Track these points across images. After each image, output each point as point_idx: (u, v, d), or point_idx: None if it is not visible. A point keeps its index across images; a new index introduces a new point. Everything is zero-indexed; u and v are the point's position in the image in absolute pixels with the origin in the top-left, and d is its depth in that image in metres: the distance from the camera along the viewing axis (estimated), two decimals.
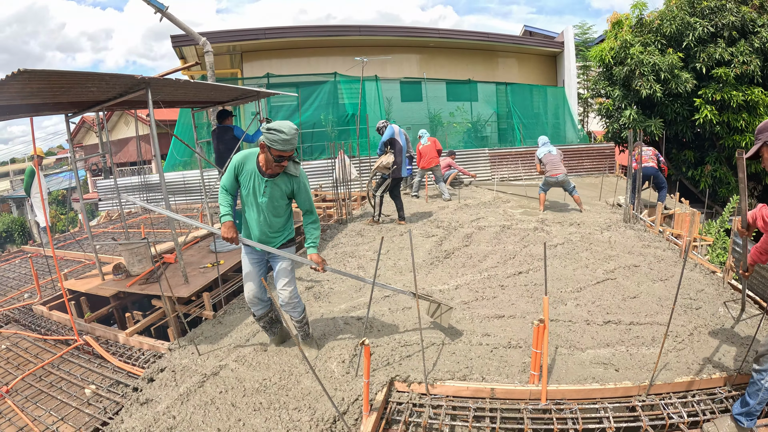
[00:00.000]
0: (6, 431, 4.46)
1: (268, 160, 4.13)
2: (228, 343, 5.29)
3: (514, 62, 24.40)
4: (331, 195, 13.93)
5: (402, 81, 19.97)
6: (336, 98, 18.16)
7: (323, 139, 17.78)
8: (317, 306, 6.06)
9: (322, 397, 4.07)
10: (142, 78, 5.76)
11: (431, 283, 6.52)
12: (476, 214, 10.37)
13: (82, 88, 5.93)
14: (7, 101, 5.62)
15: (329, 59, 20.67)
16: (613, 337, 4.64)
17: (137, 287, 6.57)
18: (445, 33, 21.81)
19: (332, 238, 9.28)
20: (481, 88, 20.85)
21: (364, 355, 3.44)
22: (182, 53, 20.48)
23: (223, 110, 8.44)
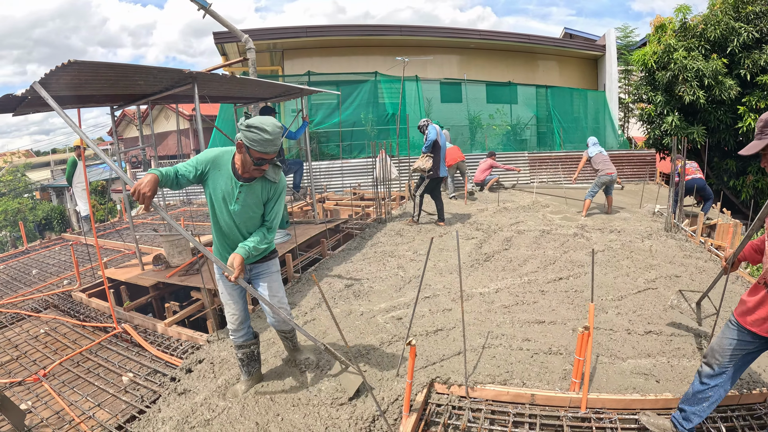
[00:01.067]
0: (42, 414, 4.52)
1: (245, 163, 3.56)
2: (267, 338, 5.33)
3: (555, 65, 24.11)
4: (370, 194, 13.98)
5: (442, 82, 19.91)
6: (376, 97, 18.19)
7: (362, 138, 17.85)
8: (357, 304, 6.07)
9: (362, 395, 4.08)
10: (189, 72, 5.85)
11: (471, 285, 6.49)
12: (515, 218, 10.32)
13: (129, 81, 6.05)
14: (55, 92, 5.69)
15: (369, 58, 20.67)
16: (654, 348, 4.57)
17: (177, 278, 6.66)
18: (486, 34, 21.67)
19: (371, 237, 9.29)
20: (521, 90, 20.69)
21: (409, 356, 3.41)
22: (224, 50, 20.69)
23: (267, 107, 8.52)
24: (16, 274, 10.22)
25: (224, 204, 3.70)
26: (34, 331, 6.67)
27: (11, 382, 5.21)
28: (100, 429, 4.19)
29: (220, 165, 3.64)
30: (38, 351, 6.00)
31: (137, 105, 7.60)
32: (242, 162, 3.57)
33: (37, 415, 4.52)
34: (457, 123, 18.65)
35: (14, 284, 9.38)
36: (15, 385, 5.16)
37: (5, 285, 9.44)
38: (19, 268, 10.72)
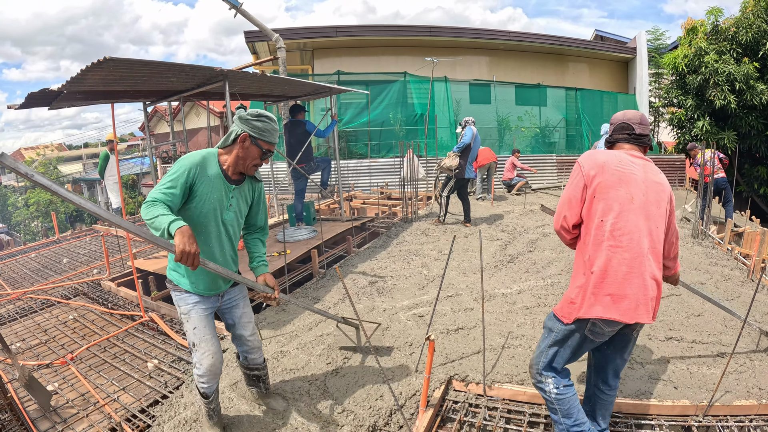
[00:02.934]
0: (68, 395, 4.65)
1: (246, 158, 3.22)
2: (290, 331, 5.43)
3: (585, 67, 23.91)
4: (397, 193, 14.03)
5: (471, 83, 19.90)
6: (405, 98, 18.25)
7: (391, 137, 17.93)
8: (380, 301, 6.14)
9: (380, 389, 4.14)
10: (221, 70, 5.96)
11: (494, 286, 6.52)
12: (541, 221, 10.32)
13: (162, 78, 6.18)
14: (90, 87, 5.85)
15: (399, 59, 20.73)
16: (674, 354, 4.55)
17: None
18: (516, 36, 21.60)
19: (397, 235, 9.35)
20: (550, 92, 20.57)
21: (428, 351, 3.42)
22: (255, 48, 20.88)
23: (296, 105, 8.62)
24: (47, 262, 10.47)
25: (216, 213, 3.22)
26: (63, 317, 6.85)
27: (39, 365, 5.37)
28: (124, 411, 4.31)
29: (206, 169, 3.15)
30: (66, 336, 6.17)
31: (169, 101, 7.73)
32: (242, 158, 3.22)
33: (63, 396, 4.65)
34: (485, 125, 18.58)
35: (45, 272, 9.62)
36: (43, 368, 5.32)
37: (36, 273, 9.68)
38: (50, 257, 10.98)
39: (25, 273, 9.82)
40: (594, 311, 2.76)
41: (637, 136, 3.01)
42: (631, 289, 2.72)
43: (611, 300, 2.73)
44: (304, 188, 8.81)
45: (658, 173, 2.94)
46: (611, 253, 2.77)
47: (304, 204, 8.92)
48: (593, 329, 2.84)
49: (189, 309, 3.33)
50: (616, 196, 2.81)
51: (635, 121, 3.01)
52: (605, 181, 2.84)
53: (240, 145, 3.18)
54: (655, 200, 2.85)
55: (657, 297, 2.80)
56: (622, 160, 2.90)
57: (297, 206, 8.86)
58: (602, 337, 2.89)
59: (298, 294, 6.59)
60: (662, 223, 2.86)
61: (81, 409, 4.41)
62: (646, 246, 2.77)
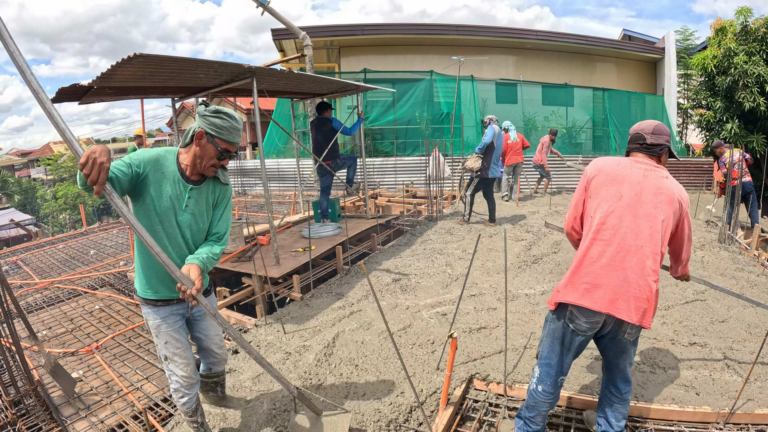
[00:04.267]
0: (92, 383, 4.79)
1: (203, 156, 3.00)
2: (313, 326, 5.48)
3: (612, 67, 23.67)
4: (422, 192, 14.03)
5: (498, 82, 19.85)
6: (431, 96, 18.26)
7: (417, 136, 17.94)
8: (403, 298, 6.16)
9: (402, 385, 4.17)
10: (249, 67, 6.01)
11: (518, 286, 6.51)
12: None
13: (190, 74, 6.26)
14: (120, 83, 5.95)
15: (425, 57, 20.73)
16: (697, 360, 4.50)
17: (229, 264, 6.88)
18: (543, 35, 21.51)
19: (421, 234, 9.36)
20: (577, 92, 20.45)
21: (450, 349, 3.42)
22: (282, 46, 20.99)
23: (323, 102, 8.67)
24: (74, 253, 10.67)
25: (170, 214, 3.00)
26: (89, 306, 7.01)
27: (65, 352, 5.53)
28: (147, 400, 4.40)
29: (162, 166, 2.96)
30: (92, 325, 6.32)
31: (197, 97, 7.82)
32: (199, 156, 3.01)
33: (87, 383, 4.79)
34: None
35: (72, 263, 9.81)
36: (68, 355, 5.47)
37: (64, 263, 9.86)
38: (78, 248, 11.18)
39: (53, 263, 10.01)
40: (569, 297, 2.89)
41: (648, 146, 3.06)
42: (608, 280, 2.81)
43: (586, 289, 2.85)
44: (330, 185, 8.86)
45: (663, 179, 2.96)
46: (592, 244, 2.91)
47: (329, 201, 9.00)
48: (572, 318, 2.92)
49: (158, 324, 3.15)
50: (606, 194, 2.95)
51: (648, 131, 3.06)
52: (598, 181, 3.01)
53: (196, 142, 2.98)
54: (651, 201, 2.89)
55: (647, 298, 2.81)
56: (620, 163, 3.03)
57: (322, 203, 8.92)
58: (583, 331, 2.93)
59: (321, 290, 6.64)
60: (657, 224, 2.87)
61: (104, 397, 4.54)
62: (633, 243, 2.84)
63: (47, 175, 38.14)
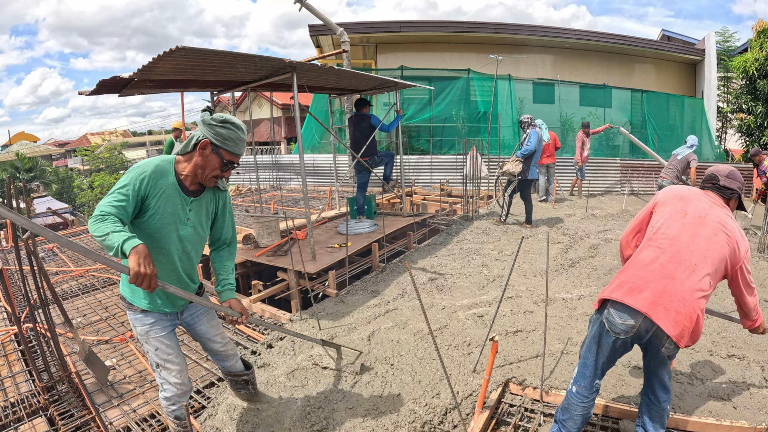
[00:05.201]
0: (125, 372, 4.80)
1: (206, 167, 2.88)
2: (348, 323, 5.44)
3: (651, 68, 23.13)
4: (458, 191, 13.94)
5: (535, 82, 19.58)
6: (468, 95, 18.10)
7: (453, 134, 17.86)
8: (439, 298, 6.09)
9: (437, 386, 4.12)
10: (289, 62, 5.99)
11: (554, 290, 6.37)
12: (603, 226, 10.08)
13: (231, 68, 6.25)
14: (160, 75, 5.95)
15: (462, 55, 20.57)
16: (734, 373, 4.36)
17: (265, 258, 6.87)
18: (581, 34, 21.13)
19: (457, 233, 9.27)
20: (615, 93, 19.96)
21: (491, 352, 3.37)
22: (318, 42, 21.04)
23: (362, 99, 8.63)
24: None
25: (171, 229, 2.88)
26: None
27: (99, 340, 5.56)
28: None
29: (161, 179, 2.80)
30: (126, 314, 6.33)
31: (234, 92, 7.82)
32: (201, 167, 2.88)
33: (121, 372, 4.80)
34: (548, 125, 18.22)
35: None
36: (102, 343, 5.49)
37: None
38: None
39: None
40: (613, 294, 2.92)
41: (720, 187, 3.18)
42: (654, 285, 2.82)
43: (630, 288, 2.87)
44: (367, 182, 8.83)
45: (728, 217, 3.03)
46: (646, 249, 3.02)
47: (365, 197, 8.97)
48: (608, 317, 2.92)
49: (146, 330, 3.03)
50: (672, 208, 3.09)
51: (723, 173, 3.20)
52: (667, 198, 3.19)
53: (200, 152, 2.84)
54: (713, 228, 2.93)
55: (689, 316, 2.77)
56: (691, 190, 3.19)
57: (359, 199, 8.89)
58: (617, 332, 2.89)
59: (357, 287, 6.60)
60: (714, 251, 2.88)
61: (137, 386, 4.53)
62: (687, 258, 2.86)
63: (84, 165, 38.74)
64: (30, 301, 4.21)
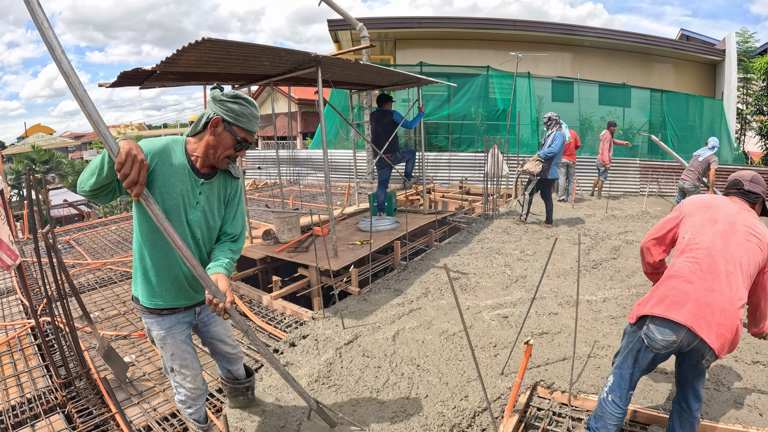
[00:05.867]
0: (145, 368, 4.73)
1: (218, 146, 2.71)
2: (372, 322, 5.37)
3: (671, 68, 22.77)
4: (477, 189, 13.83)
5: (554, 80, 19.38)
6: (487, 92, 17.99)
7: (471, 132, 17.79)
8: (463, 298, 6.00)
9: (465, 389, 4.05)
10: (315, 55, 5.90)
11: (579, 292, 6.25)
12: (624, 227, 9.94)
13: (255, 61, 6.15)
14: (183, 68, 5.86)
15: (481, 52, 20.42)
16: (759, 379, 4.29)
17: (286, 254, 6.79)
18: (601, 32, 20.83)
19: (478, 232, 9.18)
20: (634, 93, 19.70)
21: (524, 355, 3.30)
22: (337, 37, 20.97)
23: (384, 94, 8.57)
24: (126, 235, 10.78)
25: (180, 211, 2.69)
26: None
27: (117, 335, 5.49)
28: None
29: (170, 158, 2.64)
30: None
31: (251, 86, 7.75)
32: (213, 146, 2.71)
33: (140, 368, 4.74)
34: (567, 124, 18.00)
35: (125, 244, 9.89)
36: (120, 339, 5.43)
37: (117, 245, 9.94)
38: (130, 229, 11.28)
39: (105, 244, 10.10)
40: (654, 310, 2.87)
41: (744, 192, 3.19)
42: (694, 298, 2.78)
43: (671, 303, 2.83)
44: (388, 178, 8.75)
45: (756, 220, 3.02)
46: (681, 262, 2.96)
47: (386, 194, 8.87)
48: (648, 333, 2.90)
49: (163, 335, 2.89)
50: (700, 218, 3.06)
51: (746, 178, 3.23)
52: (694, 207, 3.16)
53: (211, 130, 2.67)
54: (744, 234, 2.91)
55: (730, 327, 2.74)
56: (717, 197, 3.18)
57: (380, 196, 8.80)
58: (657, 349, 2.89)
59: (379, 285, 6.51)
60: (747, 257, 2.86)
61: (157, 383, 4.46)
62: (723, 267, 2.82)
63: None
64: (47, 294, 4.14)
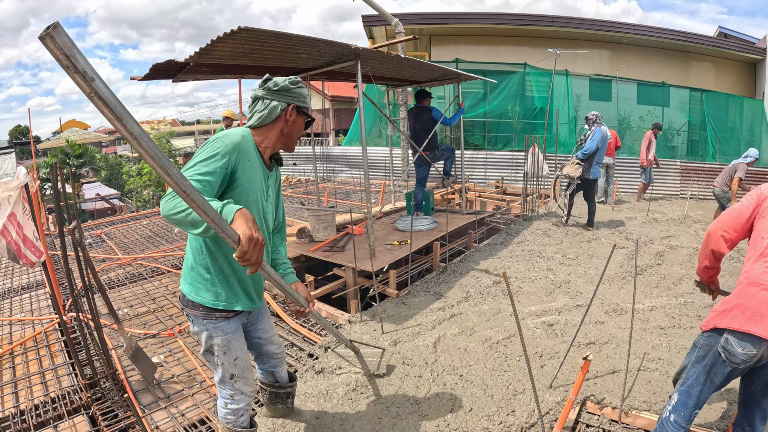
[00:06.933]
0: (173, 370, 4.59)
1: (293, 133, 2.72)
2: (411, 326, 5.17)
3: (710, 67, 22.03)
4: (515, 188, 13.58)
5: (592, 78, 18.96)
6: (524, 90, 17.74)
7: (508, 130, 17.54)
8: (506, 303, 5.76)
9: (512, 402, 3.85)
10: (354, 48, 5.71)
11: (624, 299, 5.98)
12: (666, 231, 9.59)
13: (292, 54, 5.99)
14: (218, 60, 5.74)
15: (517, 49, 20.12)
16: None
17: (320, 253, 6.62)
18: (640, 29, 20.21)
19: (517, 233, 8.94)
20: (674, 92, 19.11)
21: (581, 372, 3.09)
22: (372, 33, 20.86)
23: (422, 90, 8.38)
24: (158, 230, 10.74)
25: (258, 206, 2.63)
26: (172, 286, 6.93)
27: (146, 334, 5.37)
28: None
29: (247, 152, 2.52)
30: (175, 306, 6.19)
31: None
32: (288, 134, 2.70)
33: (168, 370, 4.60)
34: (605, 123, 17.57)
35: (156, 240, 9.83)
36: (149, 337, 5.30)
37: (148, 240, 9.89)
38: (162, 225, 11.28)
39: (136, 239, 10.08)
40: (733, 323, 2.54)
41: None
42: None
43: (753, 314, 2.48)
44: (426, 177, 8.54)
45: None
46: (759, 263, 2.62)
47: (424, 193, 8.67)
48: (726, 346, 2.55)
49: (228, 340, 2.72)
50: None
51: None
52: None
53: (285, 119, 2.64)
54: None
55: None
56: None
57: (417, 194, 8.61)
58: (736, 363, 2.54)
59: (418, 287, 6.31)
60: None
61: (186, 387, 4.32)
62: None
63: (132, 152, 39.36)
64: (74, 289, 4.01)
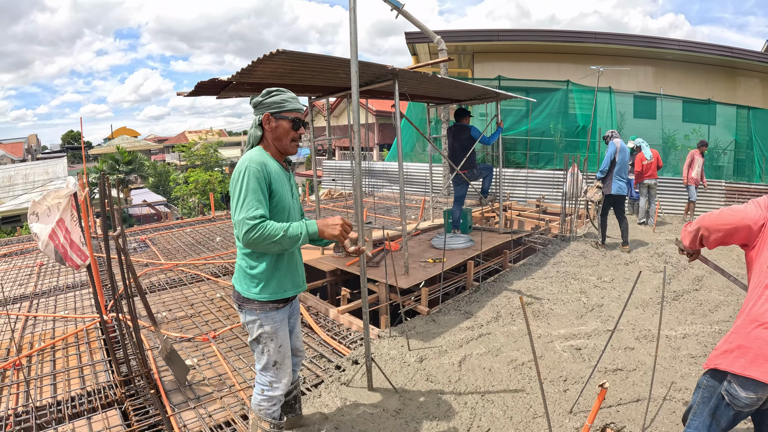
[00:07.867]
0: (205, 373, 4.74)
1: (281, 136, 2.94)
2: (439, 344, 5.23)
3: (757, 83, 21.12)
4: (555, 208, 13.51)
5: (636, 95, 18.59)
6: (566, 107, 17.55)
7: (550, 148, 17.37)
8: (534, 325, 5.80)
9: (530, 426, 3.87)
10: (392, 68, 5.85)
11: (656, 325, 5.83)
12: (706, 255, 9.37)
13: (331, 74, 6.16)
14: (259, 79, 5.93)
15: (560, 66, 19.96)
16: None
17: (356, 268, 6.73)
18: (684, 45, 19.64)
19: (554, 254, 8.92)
20: (720, 110, 18.46)
21: (597, 398, 3.09)
22: (415, 50, 20.94)
23: (462, 109, 8.45)
24: (201, 238, 11.01)
25: (291, 206, 3.01)
26: (210, 294, 7.13)
27: (182, 338, 5.56)
28: None
29: (269, 165, 2.85)
30: (211, 313, 6.38)
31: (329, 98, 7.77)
32: (277, 138, 2.95)
33: (201, 373, 4.75)
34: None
35: (198, 247, 10.09)
36: (184, 341, 5.49)
37: (190, 247, 10.15)
38: (204, 233, 11.54)
39: (179, 246, 10.36)
40: (734, 366, 2.41)
41: None
42: None
43: (755, 357, 2.34)
44: (464, 195, 8.63)
45: None
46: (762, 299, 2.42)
47: (462, 211, 8.75)
48: (729, 390, 2.45)
49: (276, 328, 3.00)
50: None
51: None
52: None
53: (266, 127, 2.94)
54: None
55: None
56: None
57: (455, 212, 8.68)
58: (740, 407, 2.44)
59: (449, 306, 6.37)
60: None
61: (216, 390, 4.45)
62: None
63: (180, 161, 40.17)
64: (116, 291, 4.22)
